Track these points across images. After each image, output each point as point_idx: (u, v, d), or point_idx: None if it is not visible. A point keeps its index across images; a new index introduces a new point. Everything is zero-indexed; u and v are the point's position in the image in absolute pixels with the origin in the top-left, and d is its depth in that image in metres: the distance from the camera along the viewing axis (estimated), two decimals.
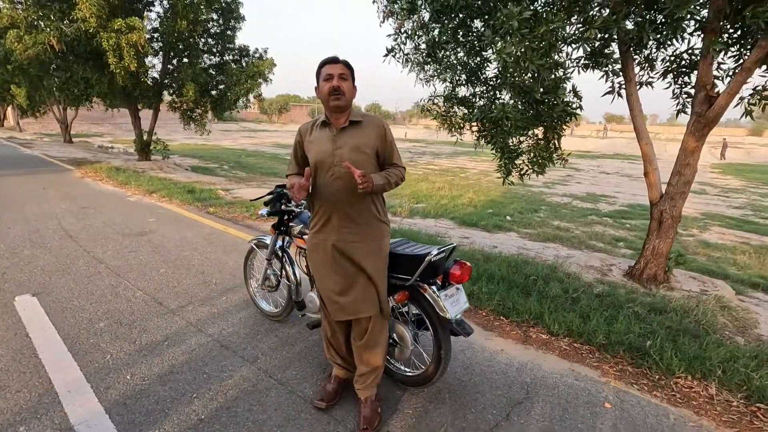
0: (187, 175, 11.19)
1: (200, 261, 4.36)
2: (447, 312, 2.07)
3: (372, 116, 2.05)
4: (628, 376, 2.58)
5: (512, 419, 2.19)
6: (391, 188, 1.99)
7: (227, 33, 12.54)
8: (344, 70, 1.94)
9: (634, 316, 3.17)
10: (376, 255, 2.04)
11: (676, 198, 3.97)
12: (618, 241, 6.57)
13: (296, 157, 2.18)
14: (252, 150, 23.02)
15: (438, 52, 4.37)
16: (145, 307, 3.32)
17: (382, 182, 1.94)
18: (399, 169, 2.04)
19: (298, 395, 2.33)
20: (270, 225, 3.02)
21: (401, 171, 2.05)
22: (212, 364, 2.59)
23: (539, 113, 4.23)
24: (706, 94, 3.68)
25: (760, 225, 8.68)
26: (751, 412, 2.27)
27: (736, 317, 3.41)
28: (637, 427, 2.16)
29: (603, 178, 16.04)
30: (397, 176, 2.01)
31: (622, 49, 4.00)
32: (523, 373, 2.59)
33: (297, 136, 2.15)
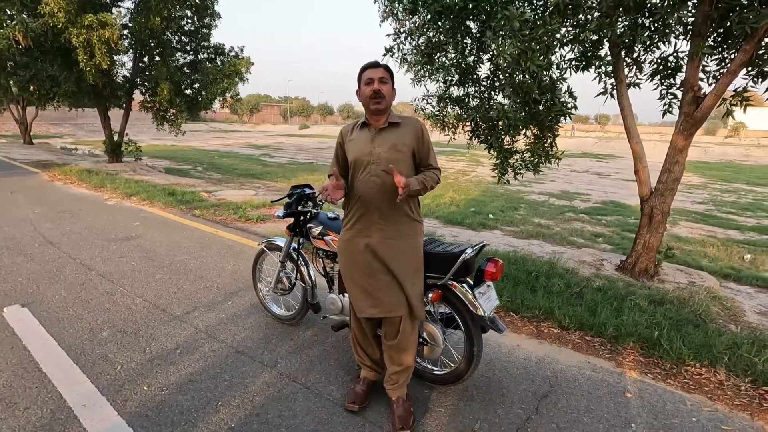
0: (163, 177, 10.81)
1: (197, 265, 4.22)
2: (480, 309, 2.09)
3: (410, 118, 2.07)
4: (642, 366, 2.69)
5: (541, 412, 2.24)
6: (427, 191, 2.00)
7: (202, 31, 12.20)
8: (384, 74, 1.98)
9: (636, 308, 3.29)
10: (410, 253, 2.05)
11: (665, 194, 4.16)
12: (597, 237, 6.81)
13: (337, 157, 2.20)
14: (225, 151, 22.46)
15: (436, 52, 4.41)
16: (148, 314, 3.19)
17: (419, 187, 1.95)
18: (434, 171, 2.06)
19: (326, 398, 2.29)
20: (271, 228, 2.96)
21: (437, 173, 2.06)
22: (231, 371, 2.51)
23: (535, 113, 4.33)
24: (694, 96, 3.87)
25: (722, 219, 9.18)
26: (759, 395, 2.40)
27: (725, 306, 3.61)
28: (658, 414, 2.25)
29: (575, 176, 16.58)
30: (432, 179, 2.02)
31: (613, 51, 4.15)
32: (543, 367, 2.65)
33: (338, 138, 2.18)
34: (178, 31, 11.71)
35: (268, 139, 33.51)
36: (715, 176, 18.93)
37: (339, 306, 2.55)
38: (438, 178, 2.05)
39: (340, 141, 2.17)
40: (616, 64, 4.16)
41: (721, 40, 3.92)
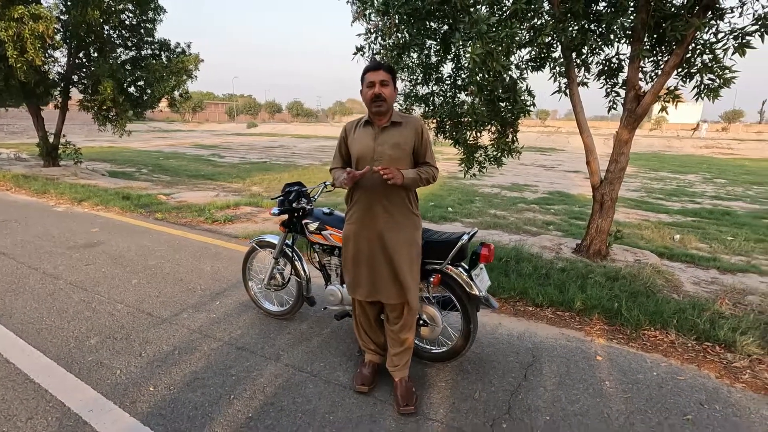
0: (109, 181, 10.21)
1: (173, 269, 4.14)
2: (476, 290, 2.31)
3: (411, 117, 2.22)
4: (607, 333, 3.05)
5: (530, 379, 2.51)
6: (422, 184, 2.16)
7: (145, 25, 11.59)
8: (385, 76, 2.09)
9: (597, 284, 3.69)
10: (410, 245, 2.21)
11: (614, 182, 4.64)
12: (548, 225, 7.35)
13: (340, 152, 2.31)
14: (170, 152, 21.41)
15: (404, 52, 4.60)
16: (134, 319, 3.13)
17: (413, 176, 2.10)
18: (431, 168, 2.21)
19: (335, 384, 2.42)
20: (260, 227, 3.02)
21: (433, 170, 2.21)
22: (236, 366, 2.57)
23: (498, 110, 4.65)
24: (635, 94, 4.35)
25: (654, 204, 10.18)
26: (703, 349, 2.83)
27: (667, 279, 4.12)
28: (625, 371, 2.60)
29: (522, 169, 17.53)
30: (428, 173, 2.17)
31: (565, 53, 4.56)
32: (524, 340, 2.94)
33: (342, 133, 2.30)
34: (119, 25, 11.05)
35: (215, 139, 32.28)
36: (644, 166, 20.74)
37: (339, 297, 2.67)
38: (435, 174, 2.21)
39: (343, 136, 2.29)
40: (568, 65, 4.57)
41: (655, 44, 4.42)
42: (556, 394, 2.36)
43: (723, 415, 2.23)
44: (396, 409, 2.20)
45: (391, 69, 2.13)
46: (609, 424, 2.14)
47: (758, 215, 9.04)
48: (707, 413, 2.24)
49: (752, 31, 3.76)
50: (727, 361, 2.70)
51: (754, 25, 3.75)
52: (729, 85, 4.06)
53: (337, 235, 2.63)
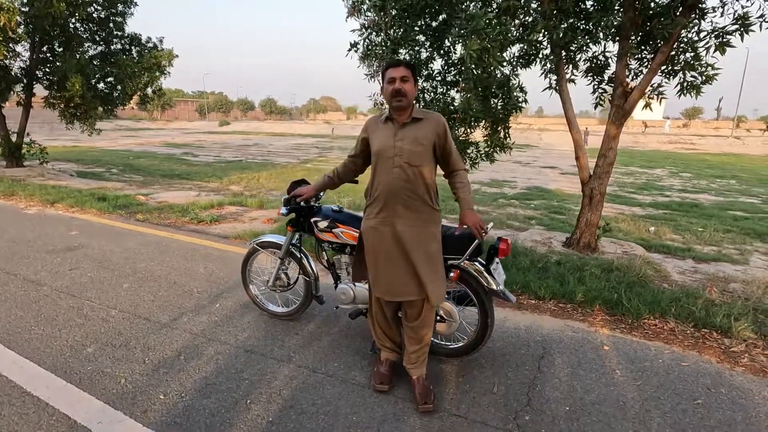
0: (80, 181, 9.75)
1: (165, 271, 3.99)
2: (494, 284, 2.33)
3: (432, 113, 2.20)
4: (609, 323, 3.14)
5: (543, 370, 2.54)
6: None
7: (115, 19, 11.09)
8: (406, 72, 2.08)
9: (593, 276, 3.79)
10: (430, 240, 2.19)
11: (602, 177, 4.77)
12: (530, 220, 7.51)
13: (358, 146, 2.34)
14: (140, 151, 20.66)
15: (399, 48, 4.57)
16: (131, 325, 2.99)
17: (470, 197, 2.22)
18: (463, 173, 2.26)
19: (352, 383, 2.39)
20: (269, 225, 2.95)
21: (465, 175, 2.27)
22: (248, 370, 2.49)
23: (490, 107, 4.69)
24: (623, 90, 4.48)
25: (627, 198, 10.55)
26: (702, 335, 2.95)
27: (656, 269, 4.27)
28: (632, 360, 2.67)
29: (499, 165, 17.78)
30: (468, 183, 2.26)
31: (555, 51, 4.64)
32: (532, 333, 2.98)
33: (364, 126, 2.31)
34: (87, 18, 10.54)
35: (186, 137, 31.39)
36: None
37: (351, 295, 2.63)
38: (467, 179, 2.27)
39: (364, 131, 2.29)
40: (557, 62, 4.65)
41: (641, 42, 4.56)
42: (571, 385, 2.41)
43: (729, 398, 2.32)
44: (415, 407, 2.19)
45: (411, 65, 2.12)
46: (626, 412, 2.19)
47: (723, 207, 9.51)
48: (715, 397, 2.33)
49: (732, 30, 3.93)
50: (725, 347, 2.82)
51: (734, 25, 3.91)
52: (711, 82, 4.23)
53: (349, 233, 2.58)
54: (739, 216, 8.39)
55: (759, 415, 2.19)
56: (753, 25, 3.84)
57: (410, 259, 2.15)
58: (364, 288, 2.59)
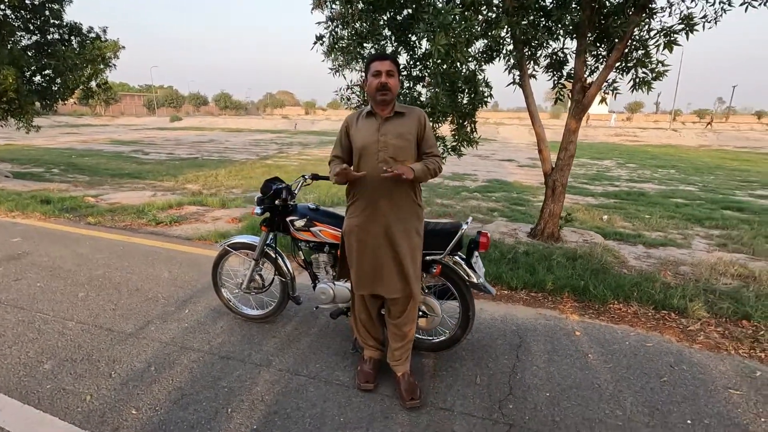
0: (18, 183, 8.98)
1: (125, 278, 3.75)
2: (474, 277, 2.36)
3: (413, 108, 2.19)
4: (578, 309, 3.28)
5: (522, 358, 2.62)
6: (431, 176, 2.13)
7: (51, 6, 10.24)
8: (391, 66, 2.05)
9: (560, 265, 3.94)
10: (414, 237, 2.19)
11: (564, 169, 4.96)
12: (493, 212, 7.72)
13: (341, 143, 2.24)
14: (83, 149, 19.31)
15: (365, 42, 4.52)
16: (92, 337, 2.79)
17: (422, 168, 2.07)
18: (436, 158, 2.19)
19: (336, 384, 2.35)
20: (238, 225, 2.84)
21: (438, 160, 2.18)
22: (226, 377, 2.39)
23: (457, 102, 4.75)
24: (582, 86, 4.67)
25: (581, 189, 11.07)
26: (662, 317, 3.14)
27: (615, 256, 4.51)
28: (602, 343, 2.81)
29: (461, 159, 18.18)
30: (435, 164, 2.14)
31: (518, 47, 4.76)
32: (507, 323, 3.06)
33: (343, 124, 2.23)
34: (19, 5, 9.67)
35: (134, 134, 29.70)
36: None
37: (330, 295, 2.58)
38: (440, 165, 2.18)
39: (346, 126, 2.22)
40: (520, 58, 4.78)
41: (597, 39, 4.77)
42: (549, 371, 2.49)
43: (691, 374, 2.49)
44: (401, 403, 2.19)
45: (395, 60, 2.11)
46: (601, 394, 2.30)
47: (666, 195, 10.18)
48: (678, 374, 2.49)
49: (679, 29, 4.19)
50: (683, 326, 3.02)
51: (681, 24, 4.17)
52: (661, 78, 4.49)
53: (328, 231, 2.53)
54: (680, 203, 8.99)
55: (717, 388, 2.37)
56: (697, 25, 4.10)
57: (396, 256, 2.13)
58: (344, 287, 2.56)
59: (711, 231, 6.25)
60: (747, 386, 2.39)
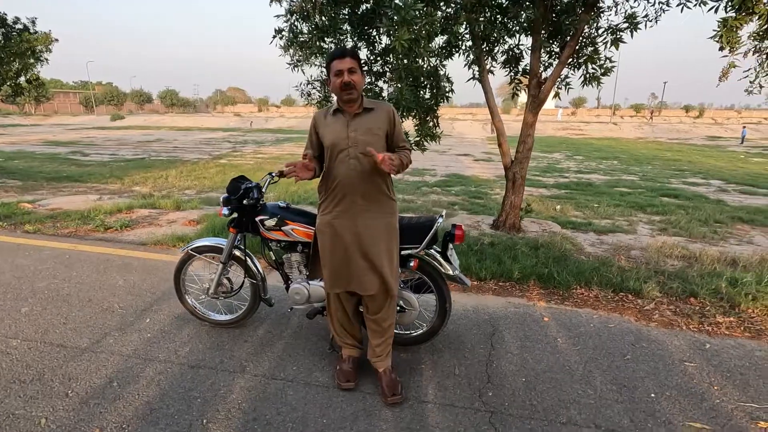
0: None
1: (74, 289, 3.47)
2: (450, 269, 2.38)
3: (382, 102, 2.16)
4: (544, 296, 3.40)
5: (496, 347, 2.68)
6: (404, 168, 2.12)
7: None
8: (352, 63, 1.99)
9: (524, 254, 4.08)
10: (389, 232, 2.17)
11: (523, 162, 5.13)
12: (453, 205, 7.88)
13: (311, 142, 2.19)
14: (12, 151, 17.71)
15: (326, 36, 4.44)
16: (42, 355, 2.56)
17: (398, 160, 2.06)
18: (407, 151, 2.18)
19: (316, 385, 2.30)
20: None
21: (409, 153, 2.18)
22: (198, 388, 2.27)
23: (419, 96, 4.78)
24: (537, 81, 4.84)
25: (533, 180, 11.52)
26: (620, 299, 3.33)
27: (573, 243, 4.73)
28: (569, 327, 2.94)
29: (419, 154, 18.41)
30: (407, 156, 2.14)
31: (476, 43, 4.85)
32: (479, 313, 3.13)
33: (312, 122, 2.18)
34: None
35: (71, 134, 27.65)
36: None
37: (305, 294, 2.52)
38: (410, 158, 2.17)
39: (314, 125, 2.17)
40: (479, 54, 4.88)
41: (550, 36, 4.95)
42: (523, 357, 2.57)
43: (650, 350, 2.66)
44: (383, 400, 2.18)
45: (356, 54, 2.04)
46: (572, 375, 2.40)
47: (611, 185, 10.82)
48: (639, 351, 2.65)
49: (624, 27, 4.44)
50: (640, 306, 3.22)
51: (626, 23, 4.41)
52: (609, 73, 4.75)
53: (300, 230, 2.46)
54: (624, 192, 9.58)
55: (674, 362, 2.54)
56: (640, 23, 4.36)
57: (371, 252, 2.11)
58: (318, 286, 2.50)
59: (653, 217, 6.70)
60: (699, 358, 2.58)
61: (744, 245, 5.15)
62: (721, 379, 2.38)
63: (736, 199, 8.67)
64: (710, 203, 8.04)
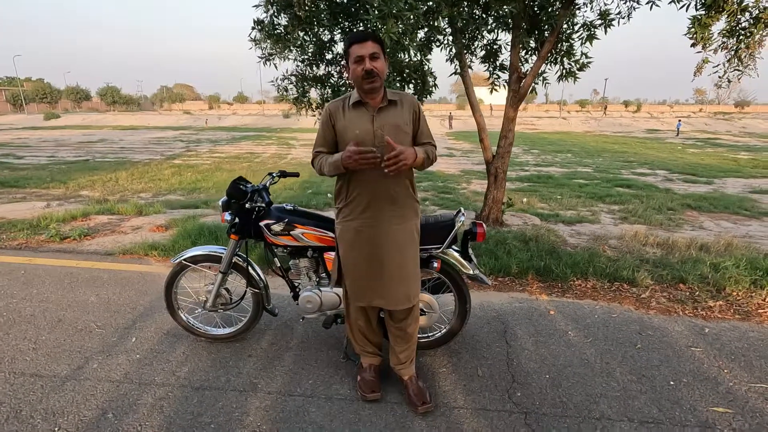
0: None
1: (39, 308, 3.09)
2: (469, 269, 2.31)
3: (405, 94, 1.99)
4: (544, 290, 3.43)
5: (512, 344, 2.65)
6: (430, 164, 1.99)
7: None
8: (375, 48, 1.80)
9: (516, 248, 4.10)
10: (415, 236, 2.04)
11: (504, 156, 5.17)
12: (425, 201, 7.90)
13: (325, 138, 1.98)
14: None
15: (311, 27, 4.24)
16: (15, 387, 2.23)
17: (424, 156, 1.91)
18: (433, 147, 2.02)
19: (338, 399, 2.15)
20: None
21: (433, 149, 2.02)
22: (208, 412, 2.06)
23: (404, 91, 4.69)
24: (518, 76, 4.88)
25: None
26: (617, 288, 3.42)
27: (557, 236, 4.83)
28: (576, 319, 2.96)
29: None
30: (432, 152, 1.99)
31: (458, 36, 4.82)
32: (486, 310, 3.09)
33: (325, 116, 1.97)
34: None
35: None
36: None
37: (317, 302, 2.36)
38: (435, 155, 2.03)
39: (326, 120, 1.96)
40: (460, 49, 4.85)
41: (529, 31, 5.01)
42: (540, 354, 2.55)
43: (657, 338, 2.73)
44: (413, 410, 2.06)
45: (378, 38, 1.84)
46: (593, 368, 2.41)
47: (569, 177, 11.27)
48: (648, 340, 2.71)
49: (598, 24, 4.56)
50: (636, 295, 3.31)
51: (600, 20, 4.54)
52: (585, 69, 4.87)
53: (311, 234, 2.30)
54: (582, 183, 9.99)
55: (682, 348, 2.62)
56: (614, 20, 4.49)
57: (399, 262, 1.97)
58: (332, 292, 2.35)
59: (612, 207, 7.01)
60: (703, 343, 2.68)
61: (698, 230, 5.50)
62: (727, 362, 2.47)
63: (681, 188, 9.30)
64: (660, 192, 8.55)
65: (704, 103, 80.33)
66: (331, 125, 1.96)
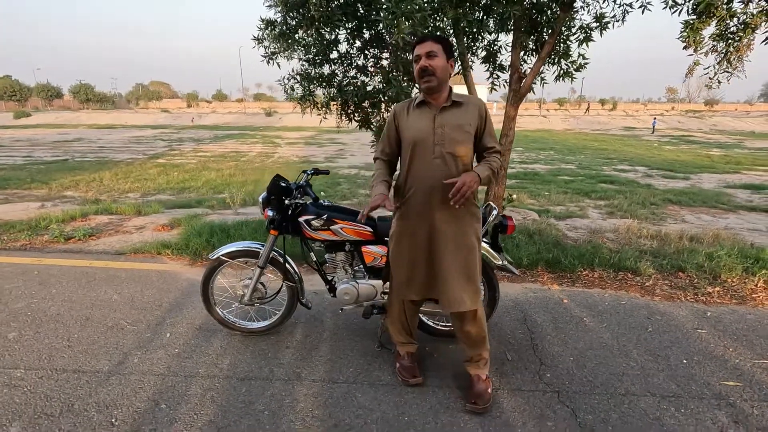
0: None
1: (63, 307, 3.09)
2: (500, 260, 2.46)
3: (472, 97, 2.00)
4: (555, 280, 3.61)
5: (533, 330, 2.81)
6: (496, 178, 1.98)
7: None
8: (433, 46, 1.86)
9: (523, 242, 4.28)
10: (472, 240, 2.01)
11: (505, 154, 5.35)
12: None
13: (389, 138, 2.07)
14: None
15: (320, 27, 4.31)
16: (59, 384, 2.26)
17: (488, 174, 1.89)
18: (497, 155, 2.00)
19: (382, 384, 2.26)
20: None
21: (498, 156, 2.00)
22: (259, 400, 2.14)
23: (409, 92, 4.80)
24: (518, 76, 5.06)
25: None
26: (621, 278, 3.62)
27: (557, 230, 5.04)
28: (589, 306, 3.15)
29: (368, 149, 18.41)
30: (497, 161, 1.97)
31: (461, 37, 4.96)
32: (503, 300, 3.24)
33: (390, 116, 2.05)
34: None
35: None
36: None
37: (354, 294, 2.46)
38: (500, 161, 1.99)
39: (392, 119, 2.04)
40: (463, 50, 5.00)
41: (529, 32, 5.19)
42: (561, 339, 2.72)
43: (665, 322, 2.94)
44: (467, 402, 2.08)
45: (440, 39, 1.88)
46: (612, 350, 2.59)
47: (555, 173, 11.61)
48: (657, 324, 2.91)
49: (594, 26, 4.78)
50: (641, 283, 3.53)
51: (596, 22, 4.76)
52: (581, 69, 5.09)
53: (350, 228, 2.39)
54: (567, 179, 10.32)
55: (689, 330, 2.83)
56: (609, 23, 4.72)
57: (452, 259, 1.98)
58: (368, 284, 2.45)
59: (598, 202, 7.31)
60: (707, 325, 2.89)
61: (680, 223, 5.81)
62: (731, 342, 2.69)
63: (661, 183, 9.72)
64: (642, 188, 8.93)
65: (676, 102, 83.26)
66: (394, 125, 2.04)
